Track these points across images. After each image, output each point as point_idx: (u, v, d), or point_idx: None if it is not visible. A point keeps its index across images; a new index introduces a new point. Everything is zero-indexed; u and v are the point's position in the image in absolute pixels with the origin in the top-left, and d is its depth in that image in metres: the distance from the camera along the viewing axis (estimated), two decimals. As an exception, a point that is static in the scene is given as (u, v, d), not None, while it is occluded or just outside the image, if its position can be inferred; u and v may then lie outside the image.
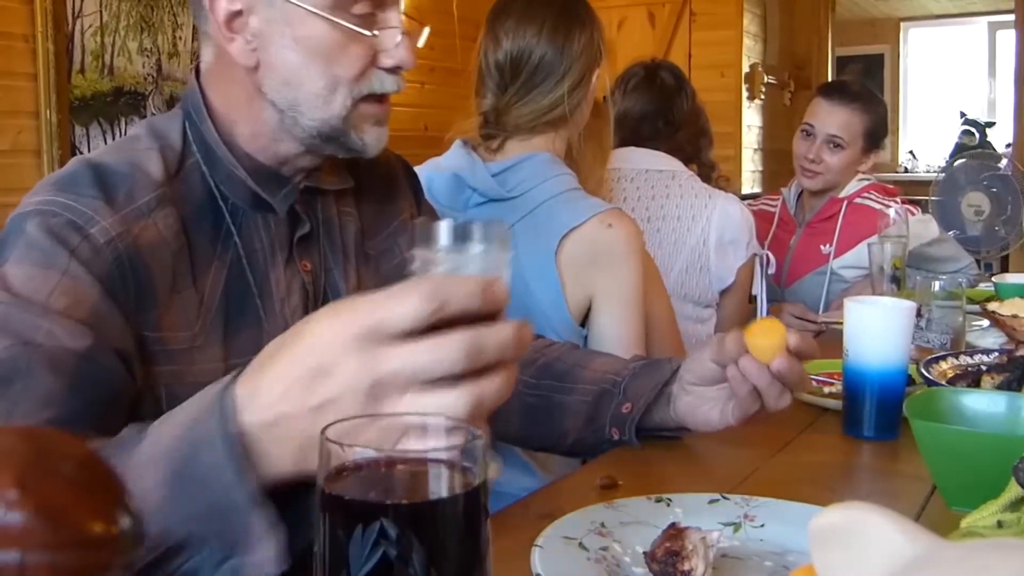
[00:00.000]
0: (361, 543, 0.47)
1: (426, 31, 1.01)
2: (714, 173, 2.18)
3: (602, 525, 0.79)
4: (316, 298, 0.99)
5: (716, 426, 1.01)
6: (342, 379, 0.57)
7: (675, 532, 0.71)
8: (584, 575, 0.71)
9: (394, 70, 0.93)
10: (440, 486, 0.49)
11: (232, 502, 0.59)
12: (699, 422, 1.02)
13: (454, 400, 0.56)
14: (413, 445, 0.53)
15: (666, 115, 2.07)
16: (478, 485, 0.49)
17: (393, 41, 0.92)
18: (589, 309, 1.45)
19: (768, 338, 0.93)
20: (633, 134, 2.04)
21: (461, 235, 0.61)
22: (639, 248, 1.45)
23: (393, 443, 0.52)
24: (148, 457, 0.62)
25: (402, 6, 0.95)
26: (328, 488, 0.48)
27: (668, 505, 0.84)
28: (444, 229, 0.60)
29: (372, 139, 0.96)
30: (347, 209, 1.06)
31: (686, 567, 0.68)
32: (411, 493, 0.50)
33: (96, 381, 0.81)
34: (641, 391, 1.06)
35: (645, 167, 2.00)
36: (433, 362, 0.56)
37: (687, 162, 2.07)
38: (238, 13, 0.91)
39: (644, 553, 0.72)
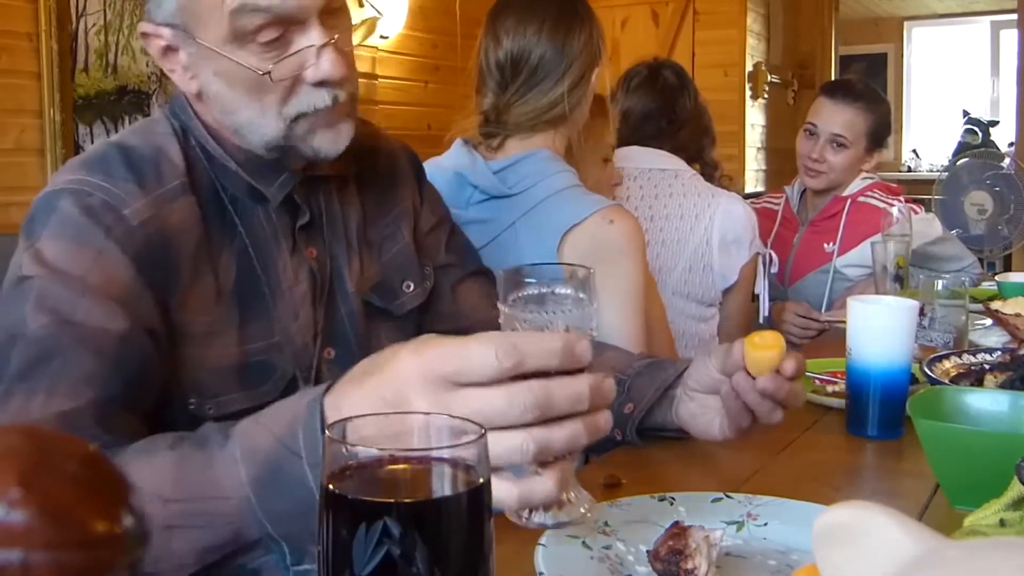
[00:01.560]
0: (364, 542, 0.47)
1: (366, 22, 1.00)
2: (717, 172, 2.18)
3: (605, 524, 0.79)
4: (323, 284, 1.01)
5: (715, 437, 0.99)
6: (415, 407, 0.59)
7: (678, 531, 0.71)
8: (587, 574, 0.71)
9: (323, 84, 0.92)
10: (443, 485, 0.49)
11: (307, 500, 0.62)
12: (699, 431, 1.01)
13: (519, 445, 0.58)
14: None
15: (668, 114, 2.07)
16: (481, 484, 0.49)
17: (312, 59, 0.90)
18: None
19: (764, 352, 0.91)
20: (636, 133, 2.04)
21: (549, 286, 0.63)
22: (640, 245, 1.45)
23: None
24: (237, 456, 0.65)
25: (316, 22, 0.90)
26: (331, 487, 0.48)
27: (671, 504, 0.84)
28: (531, 284, 0.63)
29: (325, 144, 0.95)
30: (349, 196, 1.06)
31: (689, 566, 0.68)
32: (414, 492, 0.50)
33: (133, 362, 0.83)
34: (644, 392, 1.05)
35: (648, 166, 2.00)
36: (501, 411, 0.58)
37: (690, 161, 2.07)
38: (168, 47, 0.93)
39: (647, 552, 0.72)
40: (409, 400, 0.60)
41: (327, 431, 0.50)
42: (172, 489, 0.66)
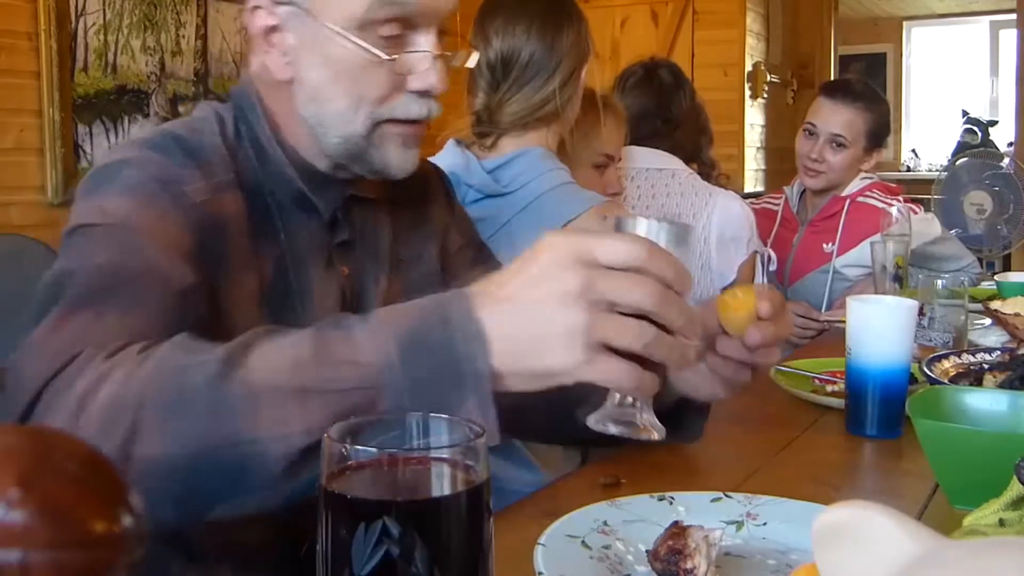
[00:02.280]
0: (364, 541, 0.47)
1: (474, 56, 1.01)
2: (715, 171, 2.18)
3: (605, 523, 0.79)
4: (353, 303, 0.99)
5: (712, 395, 0.97)
6: (559, 282, 0.64)
7: (678, 530, 0.71)
8: (587, 573, 0.71)
9: (423, 94, 0.92)
10: (443, 484, 0.49)
11: (457, 375, 0.64)
12: (691, 388, 0.98)
13: (641, 328, 0.65)
14: None
15: (664, 113, 2.07)
16: (480, 483, 0.49)
17: (422, 65, 0.91)
18: None
19: (737, 311, 0.89)
20: (632, 133, 2.04)
21: (655, 234, 0.71)
22: None
23: None
24: (380, 325, 0.67)
25: (435, 30, 0.91)
26: (331, 486, 0.48)
27: (671, 503, 0.84)
28: (640, 225, 0.71)
29: (397, 160, 0.95)
30: (382, 216, 1.06)
31: (688, 565, 0.68)
32: (414, 491, 0.50)
33: (193, 320, 0.80)
34: None
35: (645, 165, 2.00)
36: (628, 290, 0.64)
37: (687, 160, 2.06)
38: (274, 28, 0.92)
39: (647, 551, 0.72)
40: (558, 277, 0.64)
41: (328, 432, 0.50)
42: (309, 355, 0.66)
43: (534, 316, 0.64)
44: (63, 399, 0.67)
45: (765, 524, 0.81)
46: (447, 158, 1.54)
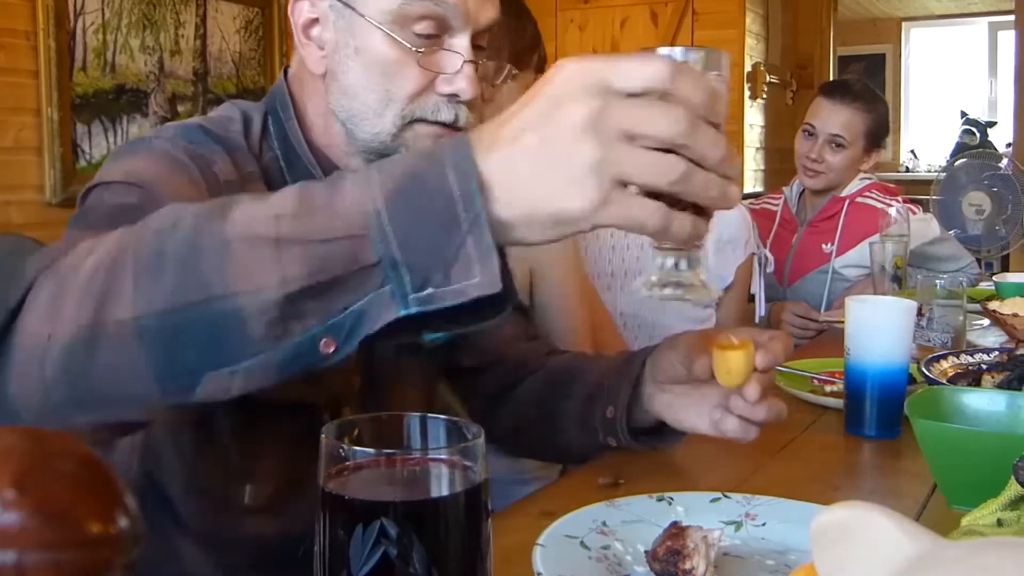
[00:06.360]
0: (361, 542, 0.47)
1: (508, 74, 1.01)
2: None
3: (604, 524, 0.79)
4: None
5: (696, 428, 0.97)
6: (567, 115, 0.57)
7: (676, 531, 0.71)
8: (586, 574, 0.71)
9: (451, 98, 0.91)
10: (441, 485, 0.49)
11: (452, 218, 0.57)
12: (676, 420, 0.98)
13: (671, 163, 0.56)
14: None
15: None
16: (478, 484, 0.49)
17: (453, 67, 0.90)
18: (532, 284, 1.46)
19: (736, 362, 0.86)
20: None
21: (681, 60, 0.60)
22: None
23: None
24: (371, 174, 0.60)
25: (468, 38, 0.91)
26: (328, 487, 0.48)
27: (670, 504, 0.84)
28: (662, 51, 0.60)
29: None
30: None
31: (687, 566, 0.68)
32: (412, 492, 0.50)
33: None
34: (619, 391, 1.01)
35: None
36: (653, 119, 0.56)
37: None
38: (315, 21, 0.93)
39: (645, 552, 0.72)
40: (565, 109, 0.57)
41: (324, 432, 0.50)
42: (291, 207, 0.60)
43: (539, 154, 0.57)
44: (48, 279, 0.65)
45: (764, 524, 0.81)
46: None
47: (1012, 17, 5.38)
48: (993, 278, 2.13)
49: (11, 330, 0.65)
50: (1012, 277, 2.02)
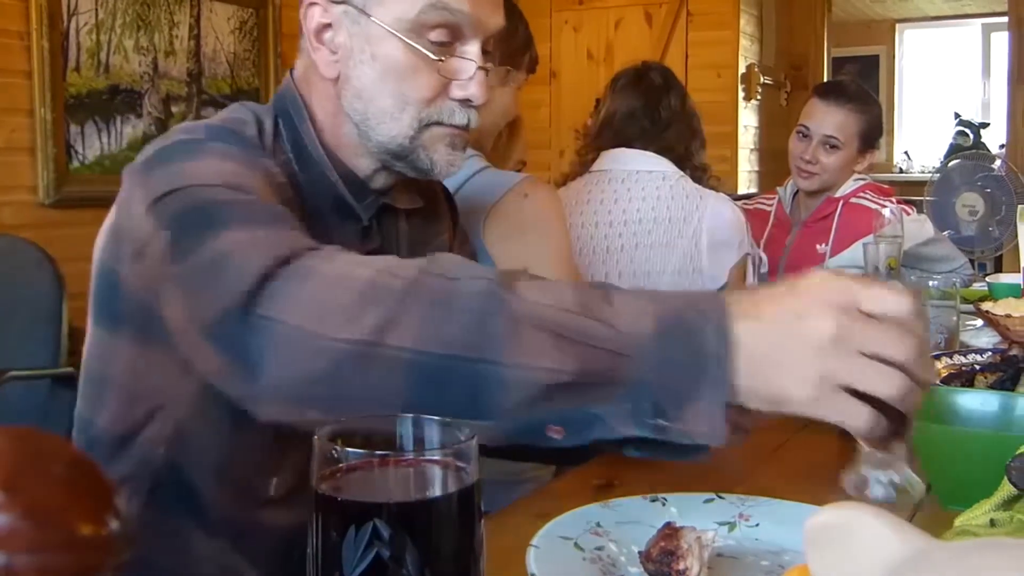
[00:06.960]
0: (354, 543, 0.46)
1: (514, 77, 1.02)
2: (706, 175, 2.17)
3: (598, 525, 0.79)
4: None
5: None
6: (817, 326, 0.63)
7: (670, 531, 0.71)
8: (579, 575, 0.71)
9: (464, 103, 0.94)
10: (434, 486, 0.49)
11: (701, 370, 0.63)
12: None
13: (900, 380, 0.62)
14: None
15: (652, 114, 2.05)
16: (471, 485, 0.49)
17: (466, 73, 0.93)
18: None
19: None
20: (619, 135, 2.02)
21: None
22: (559, 213, 1.47)
23: None
24: (634, 299, 0.66)
25: (479, 45, 0.94)
26: (321, 488, 0.48)
27: (663, 505, 0.84)
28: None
29: (443, 160, 0.96)
30: (402, 224, 1.07)
31: (681, 567, 0.68)
32: (405, 493, 0.50)
33: None
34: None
35: (635, 168, 1.99)
36: (891, 341, 0.62)
37: (679, 163, 2.04)
38: (327, 26, 0.94)
39: (639, 553, 0.72)
40: (814, 316, 0.63)
41: (317, 433, 0.50)
42: (572, 303, 0.66)
43: (785, 342, 0.63)
44: (302, 276, 0.69)
45: (758, 525, 0.81)
46: None
47: (1005, 19, 5.39)
48: (986, 279, 2.13)
49: (251, 308, 0.68)
50: (1005, 278, 2.03)
